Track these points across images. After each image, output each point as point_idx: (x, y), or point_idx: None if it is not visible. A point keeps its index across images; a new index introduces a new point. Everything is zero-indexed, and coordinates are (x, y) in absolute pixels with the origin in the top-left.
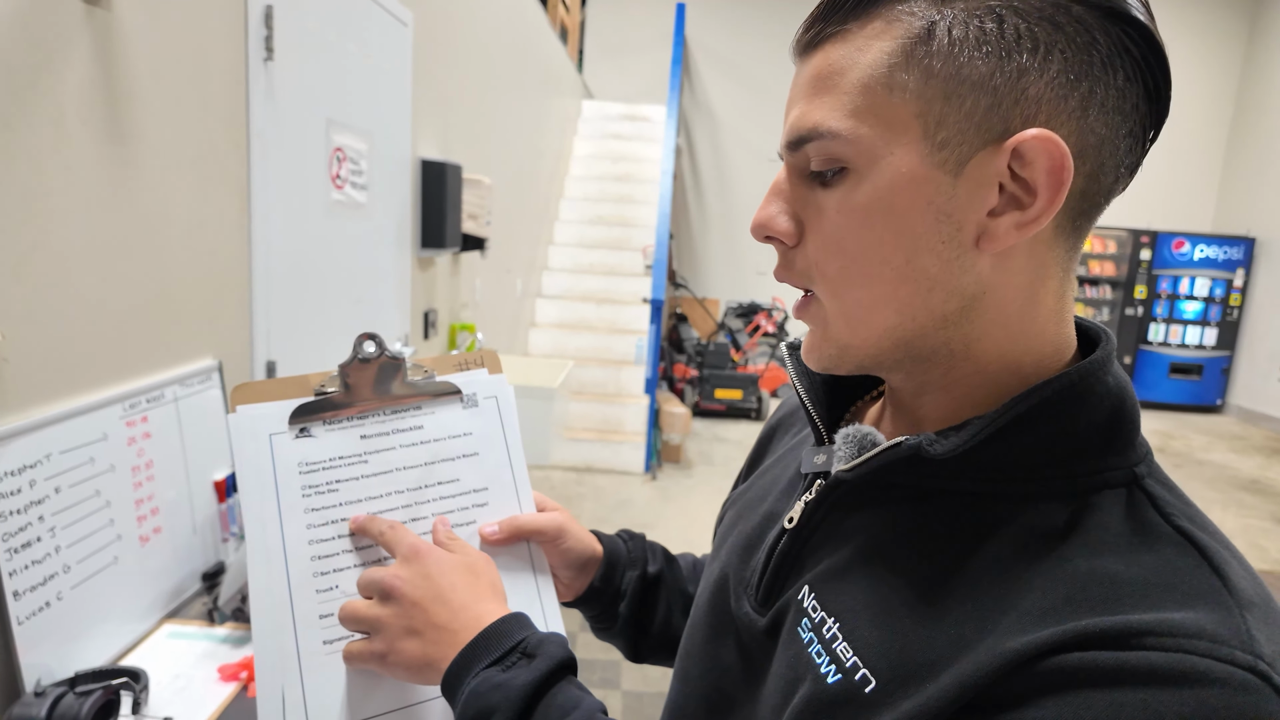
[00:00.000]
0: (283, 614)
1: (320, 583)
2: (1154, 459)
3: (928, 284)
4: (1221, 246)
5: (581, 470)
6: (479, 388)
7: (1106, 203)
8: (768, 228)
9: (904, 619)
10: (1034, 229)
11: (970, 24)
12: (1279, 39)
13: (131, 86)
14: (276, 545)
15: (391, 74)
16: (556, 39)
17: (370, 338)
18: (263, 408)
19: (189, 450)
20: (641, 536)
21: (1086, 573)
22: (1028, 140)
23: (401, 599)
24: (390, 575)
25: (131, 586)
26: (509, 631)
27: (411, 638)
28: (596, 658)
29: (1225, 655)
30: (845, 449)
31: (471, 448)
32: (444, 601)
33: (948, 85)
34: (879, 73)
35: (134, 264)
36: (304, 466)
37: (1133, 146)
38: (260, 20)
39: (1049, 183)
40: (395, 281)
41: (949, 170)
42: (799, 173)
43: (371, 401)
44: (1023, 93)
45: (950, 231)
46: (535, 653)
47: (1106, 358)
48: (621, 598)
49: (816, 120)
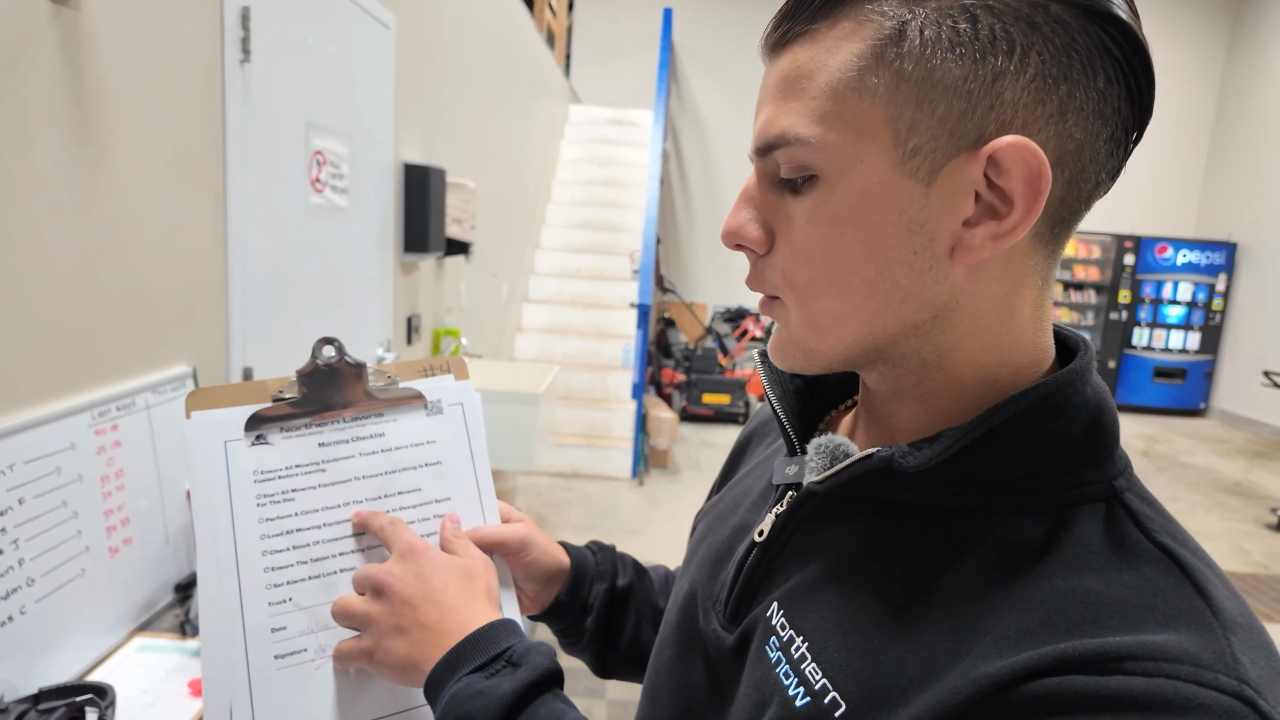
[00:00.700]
0: (233, 626)
1: (273, 595)
2: (1133, 472)
3: (899, 295)
4: (1204, 251)
5: (568, 476)
6: (444, 394)
7: (1087, 209)
8: (738, 235)
9: (875, 639)
10: (1010, 240)
11: (943, 24)
12: (1258, 49)
13: (101, 88)
14: (229, 555)
15: (373, 77)
16: (543, 43)
17: (329, 342)
18: (218, 414)
19: (161, 458)
20: (611, 548)
21: (1064, 593)
22: (1003, 148)
23: (392, 596)
24: (383, 571)
25: (100, 599)
26: (496, 637)
27: (399, 636)
28: (580, 667)
29: (1209, 680)
30: (817, 459)
31: (434, 456)
32: (434, 602)
33: (919, 89)
34: (848, 76)
35: (104, 269)
36: (259, 475)
37: (1114, 151)
38: (237, 21)
39: (1026, 192)
40: (377, 286)
41: (921, 179)
42: (769, 179)
43: (331, 408)
44: (998, 97)
45: (923, 242)
46: (521, 661)
47: (1085, 368)
48: (588, 612)
49: (784, 126)
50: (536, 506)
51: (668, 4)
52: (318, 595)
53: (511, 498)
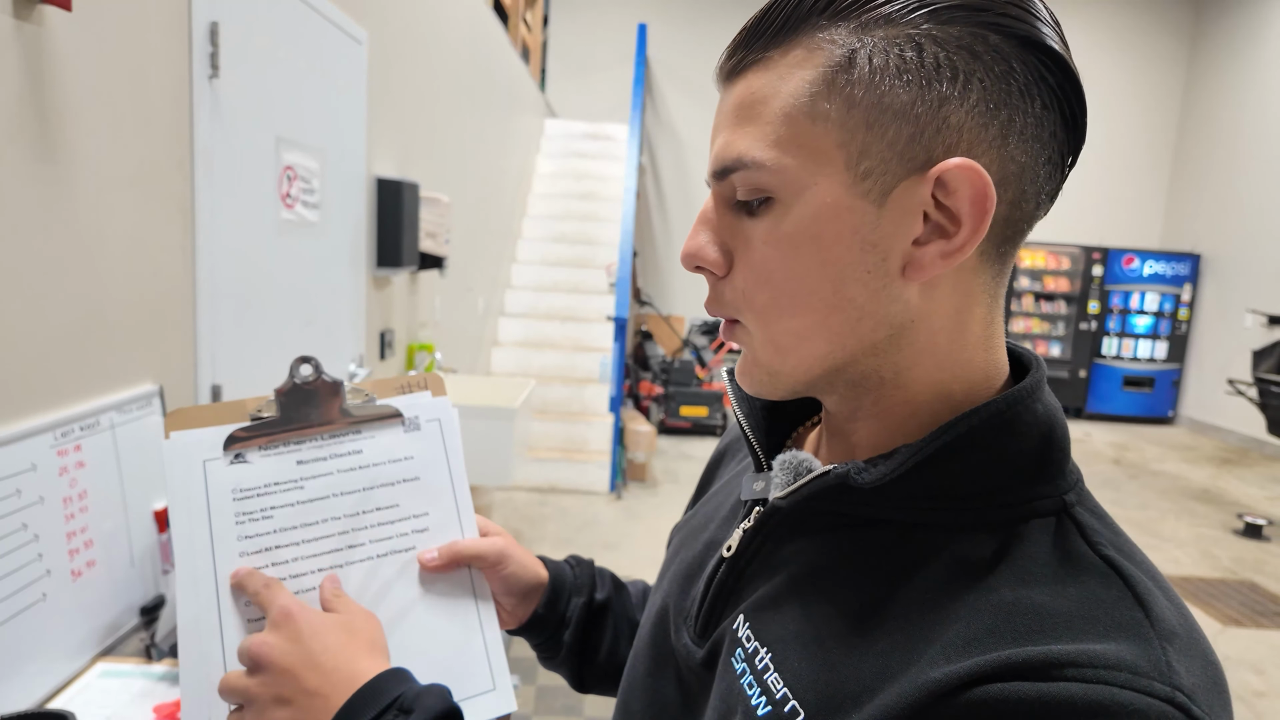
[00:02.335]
0: (211, 645)
1: (251, 612)
2: (1084, 486)
3: (856, 313)
4: (1169, 262)
5: (545, 491)
6: (421, 411)
7: (1029, 228)
8: (697, 258)
9: (833, 649)
10: (959, 258)
11: (890, 52)
12: (1217, 66)
13: (65, 104)
14: (207, 574)
15: (345, 92)
16: (518, 58)
17: (306, 360)
18: (197, 434)
19: (127, 479)
20: (590, 563)
21: (1012, 603)
22: (950, 169)
23: (270, 666)
24: (258, 643)
25: (61, 623)
26: (384, 689)
27: (281, 707)
28: (559, 684)
29: (1143, 686)
30: (782, 475)
31: (412, 472)
32: (315, 666)
33: (869, 114)
34: (801, 102)
35: (67, 286)
36: (238, 493)
37: (1052, 173)
38: (205, 36)
39: (973, 212)
40: (350, 301)
41: (873, 200)
42: (726, 202)
43: (309, 426)
44: (944, 121)
45: (876, 261)
46: (412, 706)
47: (1036, 385)
48: (566, 625)
49: (740, 150)
50: (513, 522)
51: (642, 19)
52: None
53: (488, 513)
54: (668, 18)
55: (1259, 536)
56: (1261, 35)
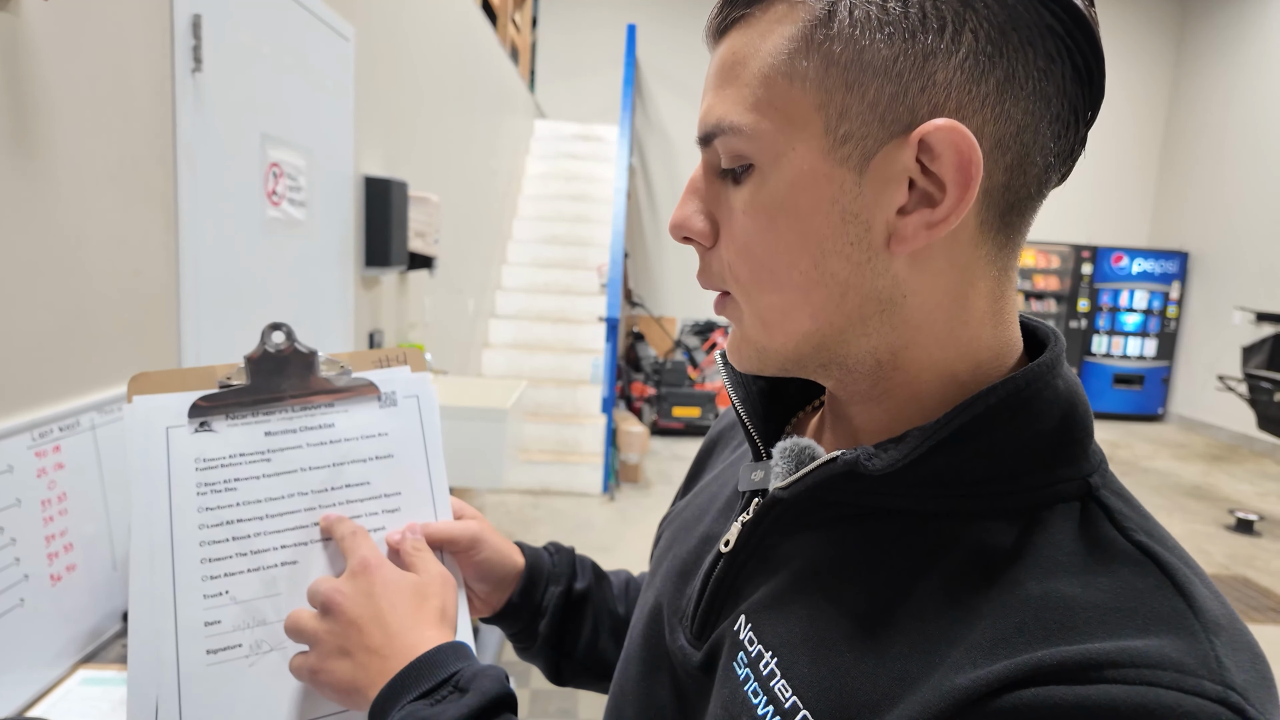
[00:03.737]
0: (164, 619)
1: (208, 587)
2: (1108, 468)
3: (839, 289)
4: (1158, 260)
5: (538, 493)
6: (398, 386)
7: (1039, 195)
8: (684, 228)
9: (845, 654)
10: (945, 228)
11: (873, 4)
12: (1203, 66)
13: (43, 96)
14: (164, 545)
15: (332, 89)
16: (507, 58)
17: (278, 327)
18: (161, 399)
19: (108, 481)
20: (570, 550)
21: (1040, 598)
22: (933, 131)
23: (339, 616)
24: (333, 589)
25: (41, 630)
26: (443, 662)
27: (343, 658)
28: (553, 688)
29: (1193, 686)
30: (783, 464)
31: (386, 449)
32: (381, 624)
33: (849, 73)
34: (779, 61)
35: (45, 282)
36: (201, 463)
37: (1061, 132)
38: (187, 29)
39: (958, 178)
40: (337, 301)
41: (853, 166)
42: (712, 169)
43: (279, 397)
44: (930, 78)
45: (858, 232)
46: (468, 687)
47: (1055, 360)
48: (542, 615)
49: (720, 115)
50: (506, 525)
51: (631, 20)
52: (256, 589)
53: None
54: (657, 19)
55: (1251, 532)
56: (1248, 34)
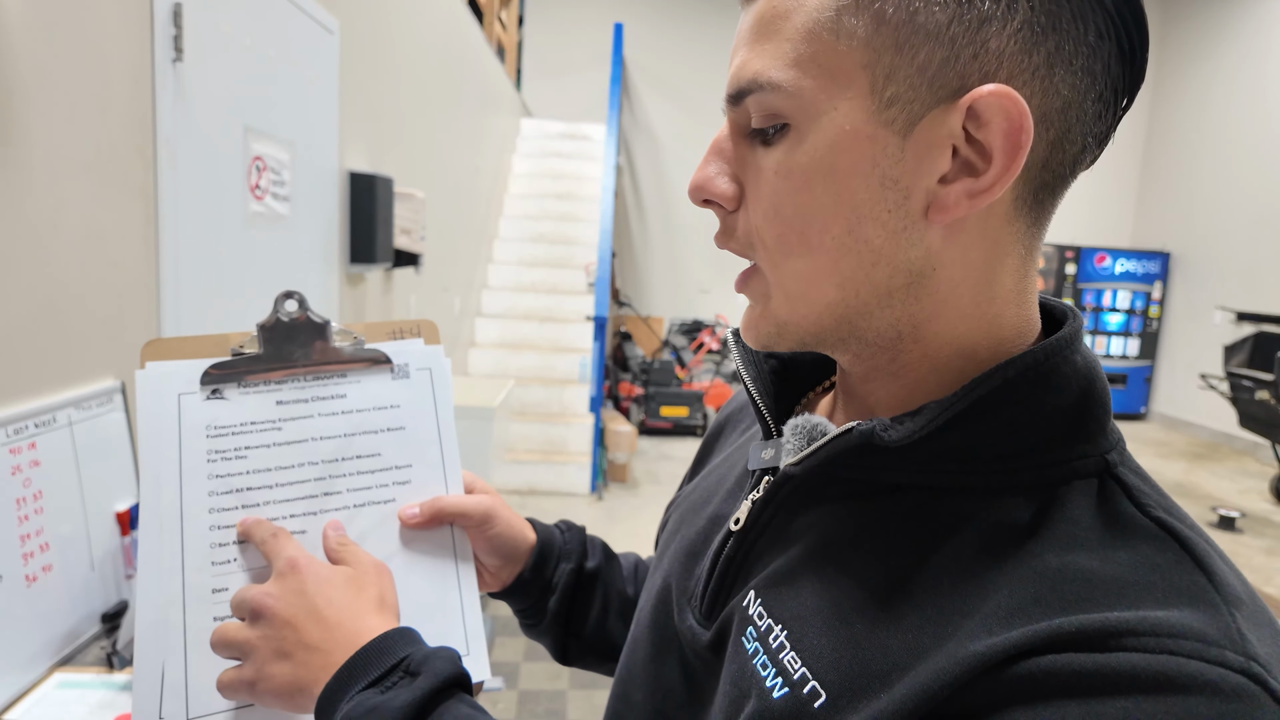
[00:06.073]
0: (172, 585)
1: (217, 554)
2: (1126, 446)
3: (871, 257)
4: (1140, 260)
5: (525, 493)
6: (411, 358)
7: (1072, 176)
8: (705, 190)
9: (856, 625)
10: (988, 198)
11: None
12: (1184, 68)
13: (17, 84)
14: (173, 511)
15: (316, 82)
16: (494, 56)
17: (291, 295)
18: (173, 365)
19: (86, 479)
20: (581, 529)
21: (1057, 570)
22: (984, 97)
23: (272, 618)
24: (260, 593)
25: (14, 633)
26: (390, 648)
27: (281, 661)
28: (542, 688)
29: (1215, 656)
30: (794, 441)
31: (398, 421)
32: (318, 619)
33: (900, 33)
34: (825, 16)
35: (20, 276)
36: (212, 430)
37: (1102, 113)
38: (168, 18)
39: (1005, 146)
40: (321, 297)
41: (897, 130)
42: (740, 130)
43: (292, 366)
44: (983, 45)
45: (897, 199)
46: (419, 670)
47: (1074, 335)
48: (552, 591)
49: (756, 70)
50: None
51: (618, 19)
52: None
53: None
54: (644, 18)
55: (1233, 529)
56: (1228, 36)
